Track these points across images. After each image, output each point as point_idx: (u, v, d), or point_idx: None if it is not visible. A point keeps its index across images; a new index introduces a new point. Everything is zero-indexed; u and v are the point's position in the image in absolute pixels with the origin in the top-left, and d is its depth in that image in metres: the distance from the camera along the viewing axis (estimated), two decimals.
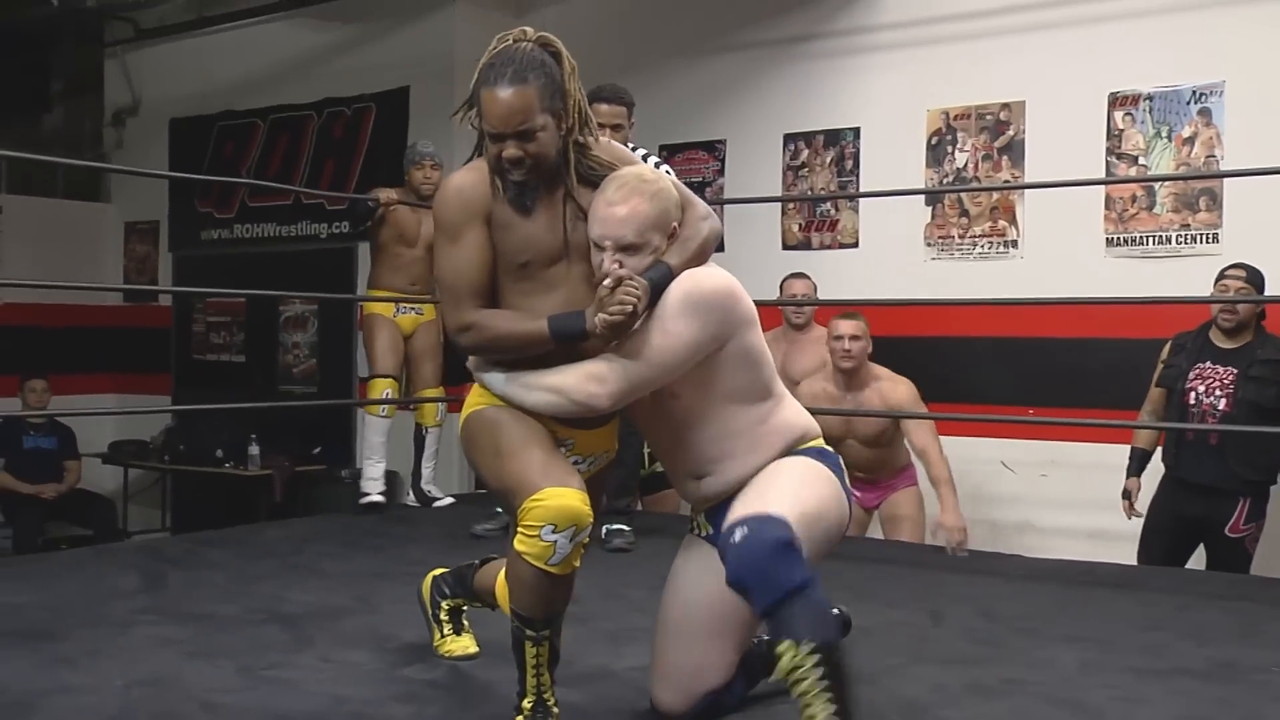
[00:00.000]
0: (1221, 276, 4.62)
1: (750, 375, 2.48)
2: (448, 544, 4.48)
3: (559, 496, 2.29)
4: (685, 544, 2.66)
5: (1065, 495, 5.49)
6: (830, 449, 2.57)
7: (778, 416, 2.52)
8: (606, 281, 2.33)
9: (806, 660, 2.14)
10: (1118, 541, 4.88)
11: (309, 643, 3.19)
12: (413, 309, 5.53)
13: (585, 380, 2.37)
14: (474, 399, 2.56)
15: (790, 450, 2.51)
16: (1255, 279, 4.56)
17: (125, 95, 9.09)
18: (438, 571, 3.07)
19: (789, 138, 6.40)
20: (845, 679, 2.17)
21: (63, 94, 9.78)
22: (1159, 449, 4.75)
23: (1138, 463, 4.79)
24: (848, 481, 2.55)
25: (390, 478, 6.40)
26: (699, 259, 2.46)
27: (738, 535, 2.22)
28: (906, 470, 5.16)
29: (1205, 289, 5.00)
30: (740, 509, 2.32)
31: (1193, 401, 4.56)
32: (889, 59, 6.12)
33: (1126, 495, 4.79)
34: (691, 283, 2.40)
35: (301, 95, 8.00)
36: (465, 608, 3.02)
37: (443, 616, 3.01)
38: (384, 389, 5.40)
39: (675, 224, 2.45)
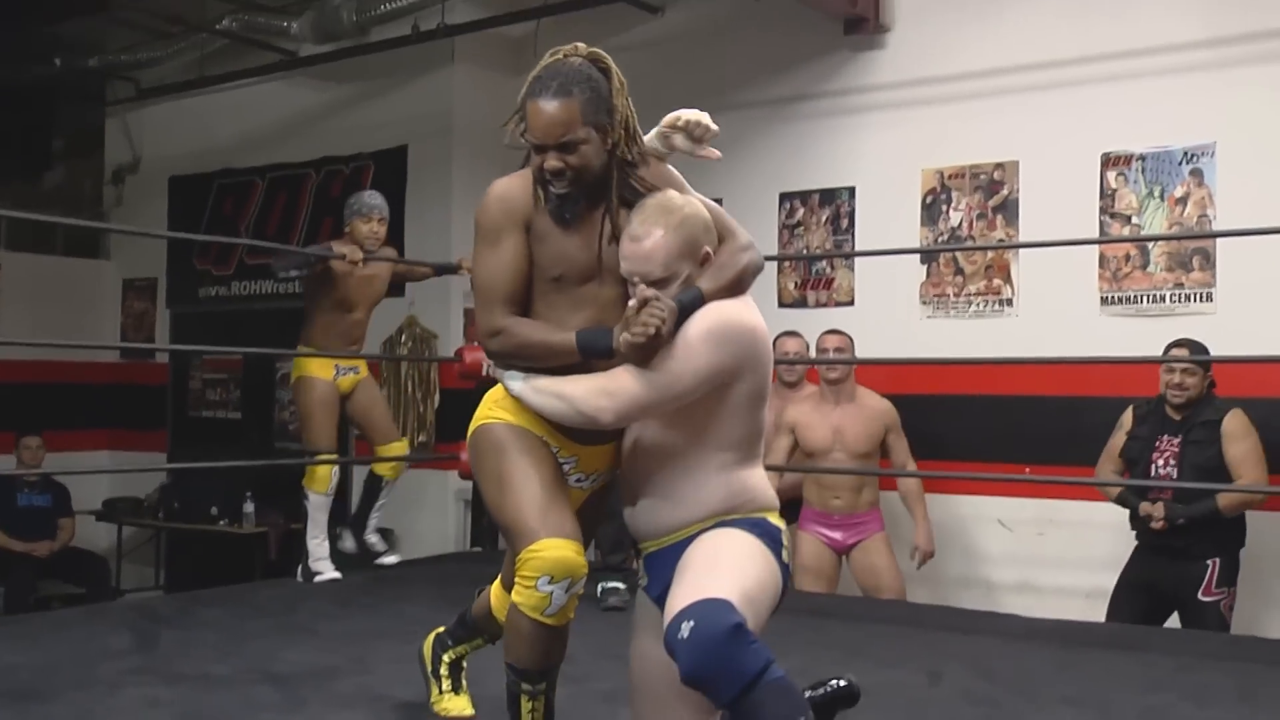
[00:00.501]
0: (1167, 353, 4.67)
1: (745, 425, 2.43)
2: (443, 602, 4.41)
3: (555, 548, 2.31)
4: (637, 600, 2.59)
5: (1062, 554, 5.46)
6: (772, 521, 2.45)
7: (733, 475, 2.43)
8: (632, 302, 2.34)
9: None
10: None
11: (302, 703, 3.15)
12: (351, 369, 5.25)
13: (594, 393, 2.36)
14: (484, 410, 2.56)
15: (731, 512, 2.41)
16: (1199, 353, 4.63)
17: (126, 153, 9.16)
18: (439, 630, 3.05)
19: (784, 196, 6.43)
20: None
21: (64, 152, 9.84)
22: (1127, 512, 4.75)
23: (1132, 503, 4.67)
24: (785, 556, 2.45)
25: (384, 535, 6.32)
26: (734, 289, 2.43)
27: (685, 630, 2.13)
28: (875, 510, 5.24)
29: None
30: (679, 597, 2.23)
31: (1154, 474, 4.63)
32: (883, 119, 6.17)
33: (1147, 517, 4.57)
34: (717, 313, 2.37)
35: (300, 154, 8.05)
36: (465, 663, 2.99)
37: (443, 671, 2.98)
38: (330, 474, 5.10)
39: (707, 249, 2.42)
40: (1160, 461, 4.62)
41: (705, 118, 2.66)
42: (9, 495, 7.36)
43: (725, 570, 2.29)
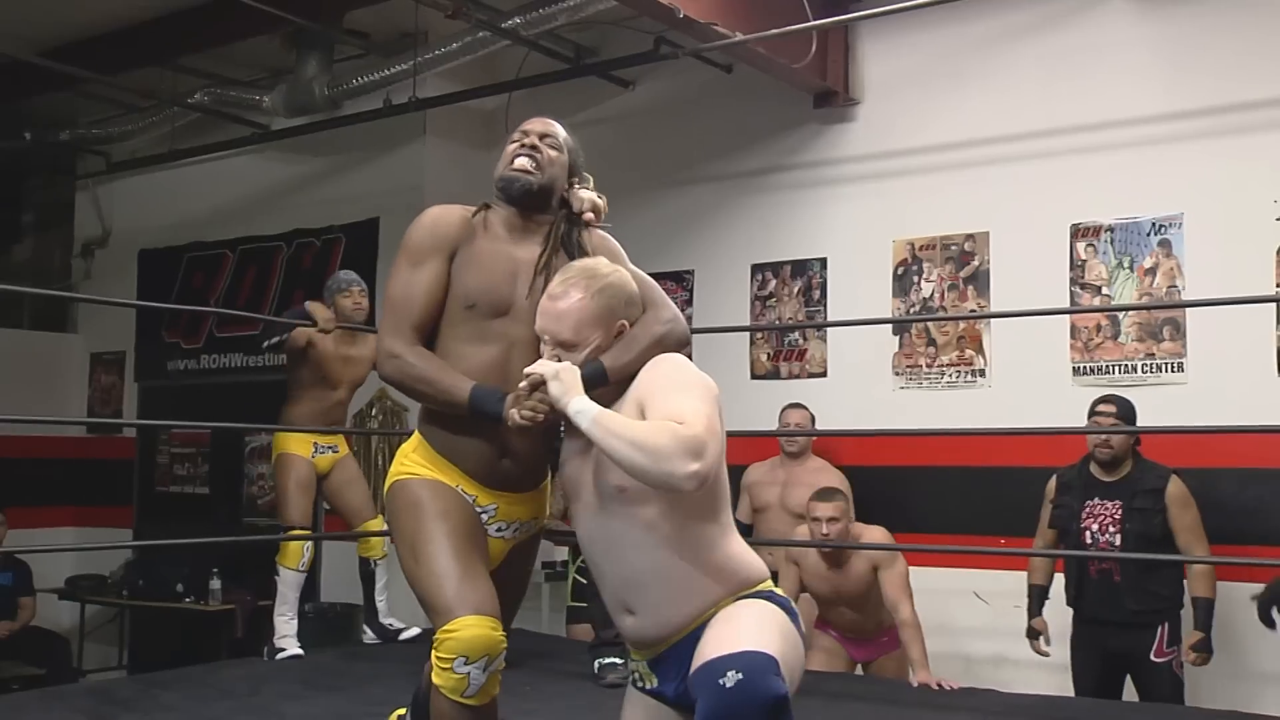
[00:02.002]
0: (1093, 412, 4.69)
1: (722, 487, 2.34)
2: (412, 681, 4.31)
3: (470, 627, 2.30)
4: (628, 699, 2.46)
5: None
6: (780, 594, 2.36)
7: (723, 550, 2.31)
8: (522, 385, 2.30)
9: None
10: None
11: None
12: (330, 448, 5.26)
13: (683, 451, 2.11)
14: (397, 465, 2.56)
15: (737, 591, 2.29)
16: (1125, 411, 4.64)
17: (95, 227, 9.12)
18: (400, 711, 2.96)
19: (756, 268, 6.43)
20: None
21: (33, 225, 9.79)
22: (1055, 584, 4.76)
23: (1038, 601, 4.77)
24: (801, 625, 2.37)
25: (350, 611, 6.23)
26: (639, 361, 2.38)
27: (730, 680, 2.02)
28: (890, 629, 4.96)
29: (1171, 418, 5.01)
30: (720, 642, 2.12)
31: (1089, 540, 4.58)
32: (854, 191, 6.19)
33: (1035, 635, 4.70)
34: (678, 360, 2.37)
35: (271, 226, 8.02)
36: None
37: None
38: (303, 549, 5.07)
39: (624, 322, 2.40)
40: (1095, 527, 4.57)
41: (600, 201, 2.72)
42: None
43: (762, 634, 2.17)
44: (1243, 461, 4.84)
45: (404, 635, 5.25)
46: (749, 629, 2.18)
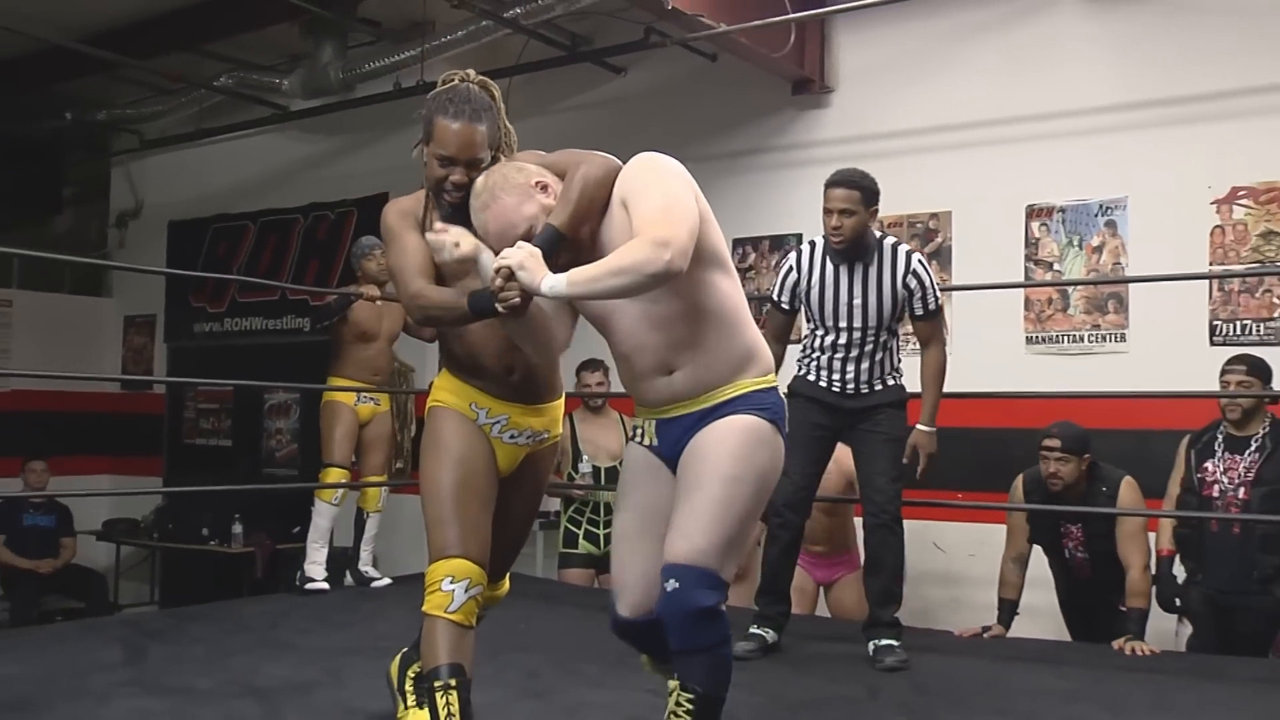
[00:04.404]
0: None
1: (709, 231, 2.42)
2: (415, 619, 4.33)
3: (458, 559, 2.47)
4: (628, 454, 2.52)
5: (992, 574, 5.40)
6: (777, 393, 2.41)
7: (739, 324, 2.39)
8: (497, 280, 2.30)
9: (685, 702, 2.25)
10: (1040, 618, 4.82)
11: (280, 716, 3.08)
12: (371, 399, 5.30)
13: (652, 248, 2.19)
14: (433, 392, 2.69)
15: (737, 378, 2.36)
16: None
17: (129, 200, 9.10)
18: (405, 649, 3.00)
19: (737, 242, 6.42)
20: None
21: (72, 198, 9.77)
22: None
23: (1007, 614, 4.41)
24: (786, 424, 2.41)
25: (340, 555, 6.26)
26: (582, 210, 2.39)
27: (669, 585, 2.22)
28: (853, 552, 5.10)
29: (1115, 383, 5.03)
30: (675, 539, 2.24)
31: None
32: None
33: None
34: (639, 156, 2.47)
35: (289, 200, 8.00)
36: None
37: (408, 688, 2.92)
38: (337, 478, 5.15)
39: (537, 179, 2.42)
40: (1071, 546, 4.43)
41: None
42: (15, 516, 7.22)
43: (720, 507, 2.26)
44: (1177, 424, 4.85)
45: (375, 584, 5.28)
46: (708, 512, 2.26)
